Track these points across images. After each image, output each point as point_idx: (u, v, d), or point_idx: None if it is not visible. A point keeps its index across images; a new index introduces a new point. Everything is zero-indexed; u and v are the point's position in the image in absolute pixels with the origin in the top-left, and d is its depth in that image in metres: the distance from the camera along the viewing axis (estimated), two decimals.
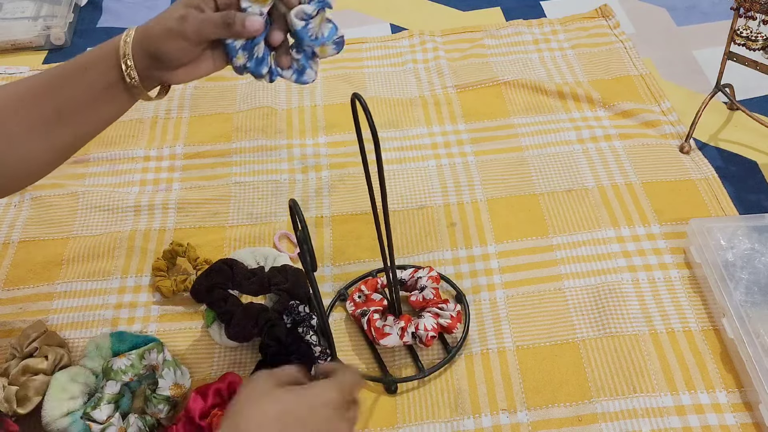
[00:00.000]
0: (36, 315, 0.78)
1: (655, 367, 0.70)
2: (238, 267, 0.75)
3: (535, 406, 0.69)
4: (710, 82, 0.98)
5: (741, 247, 0.76)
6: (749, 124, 0.94)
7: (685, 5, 1.19)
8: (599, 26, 1.14)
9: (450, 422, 0.68)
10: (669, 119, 0.97)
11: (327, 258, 0.83)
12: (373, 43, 1.14)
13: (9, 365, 0.70)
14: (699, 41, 1.11)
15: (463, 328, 0.74)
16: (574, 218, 0.85)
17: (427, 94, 1.04)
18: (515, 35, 1.13)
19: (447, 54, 1.10)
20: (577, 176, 0.90)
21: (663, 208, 0.86)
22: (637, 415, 0.67)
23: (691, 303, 0.76)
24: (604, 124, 0.97)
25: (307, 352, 0.69)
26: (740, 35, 0.86)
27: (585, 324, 0.75)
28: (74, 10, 1.23)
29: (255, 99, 1.04)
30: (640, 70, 1.05)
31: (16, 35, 1.17)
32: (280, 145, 0.97)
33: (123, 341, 0.72)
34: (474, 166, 0.93)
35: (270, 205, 0.89)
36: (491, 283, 0.79)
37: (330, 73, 1.09)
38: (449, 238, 0.84)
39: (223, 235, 0.86)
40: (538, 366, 0.72)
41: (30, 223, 0.89)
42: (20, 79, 0.61)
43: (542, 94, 1.02)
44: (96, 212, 0.89)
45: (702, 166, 0.90)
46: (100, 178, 0.94)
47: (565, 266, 0.80)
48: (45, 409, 0.66)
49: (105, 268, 0.83)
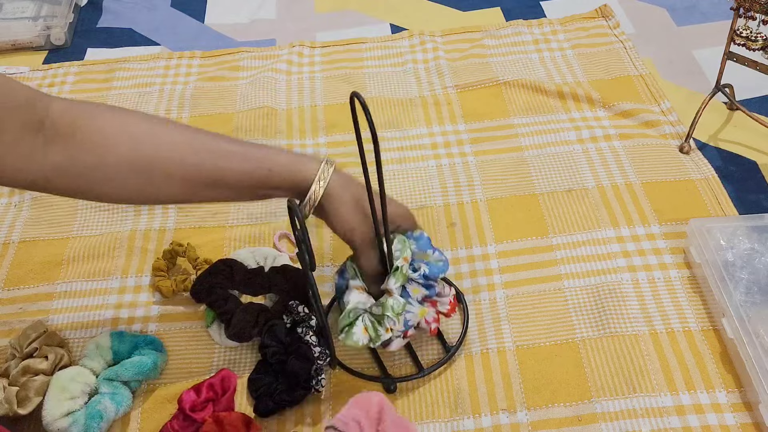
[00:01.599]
0: (36, 315, 0.78)
1: (654, 367, 0.70)
2: (238, 267, 0.75)
3: (534, 406, 0.69)
4: (710, 82, 0.98)
5: (741, 247, 0.76)
6: (749, 124, 0.94)
7: (685, 5, 1.19)
8: (599, 26, 1.14)
9: (450, 422, 0.68)
10: (669, 119, 0.97)
11: (326, 258, 0.83)
12: (373, 43, 1.14)
13: (9, 365, 0.70)
14: (699, 41, 1.11)
15: (463, 328, 0.74)
16: (574, 218, 0.85)
17: (427, 94, 1.04)
18: (515, 35, 1.13)
19: (447, 54, 1.11)
20: (577, 176, 0.90)
21: (663, 208, 0.86)
22: (636, 415, 0.67)
23: (691, 303, 0.76)
24: (604, 124, 0.97)
25: (307, 352, 0.69)
26: (740, 35, 0.86)
27: (585, 324, 0.75)
28: (74, 10, 1.23)
29: (255, 99, 1.04)
30: (639, 70, 1.05)
31: (16, 35, 1.17)
32: (280, 145, 0.97)
33: (123, 341, 0.72)
34: (474, 166, 0.93)
35: (270, 205, 0.89)
36: (491, 283, 0.79)
37: (330, 73, 1.09)
38: (449, 238, 0.84)
39: (223, 235, 0.86)
40: (538, 366, 0.72)
41: (30, 223, 0.89)
42: (192, 128, 0.65)
43: (542, 94, 1.02)
44: (96, 212, 0.89)
45: (702, 166, 0.90)
46: None
47: (565, 266, 0.80)
48: (45, 409, 0.66)
49: (105, 268, 0.83)
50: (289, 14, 1.24)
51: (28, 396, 0.67)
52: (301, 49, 1.13)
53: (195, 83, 1.08)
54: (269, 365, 0.70)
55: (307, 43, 1.15)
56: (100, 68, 1.12)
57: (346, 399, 0.69)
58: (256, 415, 0.69)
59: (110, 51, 1.17)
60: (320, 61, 1.11)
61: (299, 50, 1.13)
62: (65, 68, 1.12)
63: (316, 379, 0.69)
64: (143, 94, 1.07)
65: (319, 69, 1.10)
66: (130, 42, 1.19)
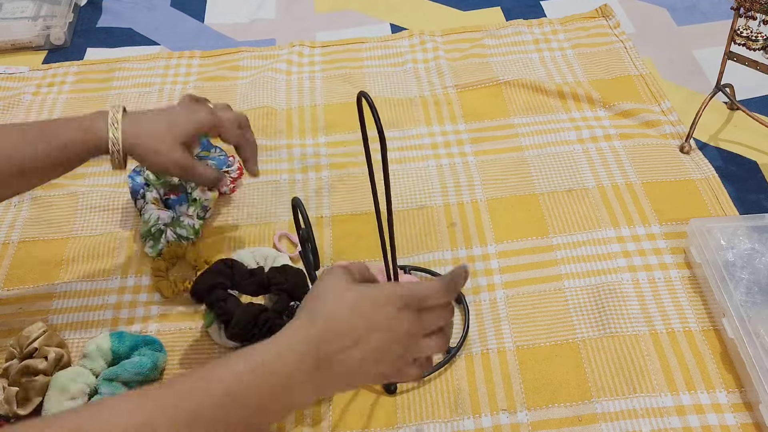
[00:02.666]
0: (36, 315, 0.78)
1: (655, 367, 0.70)
2: (238, 267, 0.75)
3: (534, 406, 0.68)
4: (710, 82, 0.98)
5: (741, 247, 0.76)
6: (749, 124, 0.94)
7: (685, 5, 1.19)
8: (599, 26, 1.14)
9: (450, 422, 0.68)
10: (669, 119, 0.97)
11: (327, 258, 0.83)
12: (373, 43, 1.14)
13: (9, 366, 0.70)
14: (699, 41, 1.11)
15: (463, 329, 0.74)
16: (574, 218, 0.85)
17: (427, 94, 1.04)
18: (515, 35, 1.13)
19: (447, 54, 1.10)
20: (577, 176, 0.90)
21: (663, 208, 0.86)
22: (637, 415, 0.67)
23: (691, 303, 0.76)
24: (604, 124, 0.97)
25: None
26: (740, 35, 0.86)
27: (585, 324, 0.75)
28: (74, 10, 1.23)
29: (255, 99, 1.04)
30: (640, 70, 1.05)
31: (16, 35, 1.17)
32: (280, 145, 0.97)
33: (123, 341, 0.72)
34: (474, 166, 0.93)
35: (270, 206, 0.89)
36: (491, 283, 0.79)
37: (330, 73, 1.09)
38: (449, 238, 0.84)
39: (223, 235, 0.86)
40: (538, 366, 0.71)
41: (30, 223, 0.89)
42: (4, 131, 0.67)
43: (542, 94, 1.02)
44: (96, 212, 0.89)
45: (702, 166, 0.90)
46: (100, 178, 0.94)
47: (565, 266, 0.80)
48: (45, 409, 0.66)
49: (105, 268, 0.83)
50: (289, 14, 1.24)
51: (28, 396, 0.67)
52: (300, 48, 1.13)
53: (195, 83, 1.08)
54: None
55: (307, 42, 1.15)
56: (99, 68, 1.12)
57: (346, 399, 0.69)
58: None
59: (110, 51, 1.17)
60: (320, 61, 1.11)
61: (299, 50, 1.13)
62: (65, 68, 1.12)
63: None
64: (143, 94, 1.07)
65: (319, 69, 1.10)
66: (130, 42, 1.19)
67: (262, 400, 0.47)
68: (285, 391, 0.48)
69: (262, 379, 0.47)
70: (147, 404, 0.44)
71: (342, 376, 0.50)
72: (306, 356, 0.48)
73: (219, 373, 0.47)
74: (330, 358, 0.49)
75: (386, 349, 0.50)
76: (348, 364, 0.49)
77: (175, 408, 0.44)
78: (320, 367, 0.48)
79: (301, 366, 0.48)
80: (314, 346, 0.48)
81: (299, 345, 0.48)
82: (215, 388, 0.46)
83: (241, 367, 0.47)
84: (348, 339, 0.49)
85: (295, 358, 0.48)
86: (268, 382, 0.47)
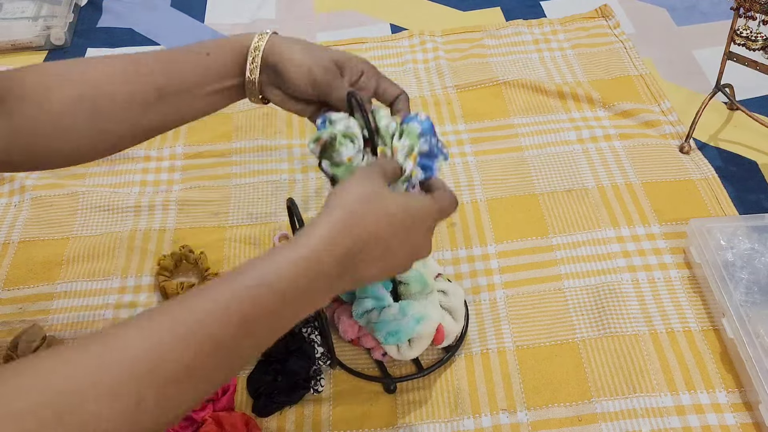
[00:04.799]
0: (36, 315, 0.78)
1: (654, 367, 0.70)
2: None
3: (534, 406, 0.69)
4: (710, 82, 0.98)
5: (741, 247, 0.76)
6: (749, 124, 0.94)
7: (685, 5, 1.19)
8: (599, 26, 1.14)
9: (450, 422, 0.68)
10: (669, 119, 0.97)
11: None
12: (373, 43, 1.14)
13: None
14: (699, 41, 1.11)
15: (463, 328, 0.74)
16: (574, 218, 0.85)
17: (427, 94, 1.04)
18: (515, 35, 1.13)
19: (447, 54, 1.10)
20: (577, 176, 0.90)
21: (663, 208, 0.86)
22: (636, 415, 0.67)
23: (691, 303, 0.76)
24: (604, 124, 0.97)
25: (309, 351, 0.69)
26: (740, 35, 0.86)
27: (585, 324, 0.75)
28: (74, 10, 1.23)
29: None
30: (640, 70, 1.05)
31: (16, 35, 1.17)
32: (280, 145, 0.97)
33: None
34: (474, 166, 0.93)
35: (270, 205, 0.89)
36: (491, 283, 0.79)
37: None
38: (449, 238, 0.84)
39: (223, 235, 0.86)
40: (538, 366, 0.72)
41: (30, 223, 0.89)
42: (123, 55, 0.61)
43: (542, 94, 1.02)
44: (96, 212, 0.89)
45: (702, 166, 0.90)
46: (100, 178, 0.94)
47: (565, 266, 0.80)
48: None
49: (105, 268, 0.83)
50: (289, 14, 1.24)
51: None
52: None
53: None
54: (269, 364, 0.70)
55: None
56: None
57: (346, 399, 0.70)
58: (255, 414, 0.69)
59: (110, 51, 1.17)
60: None
61: None
62: None
63: (316, 379, 0.69)
64: None
65: None
66: (130, 42, 1.19)
67: (301, 292, 0.47)
68: (314, 286, 0.48)
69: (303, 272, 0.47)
70: None
71: (357, 282, 0.52)
72: (332, 267, 0.49)
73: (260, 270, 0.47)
74: (356, 266, 0.50)
75: (405, 260, 0.54)
76: (369, 272, 0.51)
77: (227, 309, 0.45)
78: (342, 275, 0.50)
79: (329, 270, 0.48)
80: (343, 256, 0.49)
81: (331, 251, 0.49)
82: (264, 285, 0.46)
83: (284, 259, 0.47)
84: (377, 251, 0.51)
85: (330, 261, 0.48)
86: (305, 275, 0.47)
